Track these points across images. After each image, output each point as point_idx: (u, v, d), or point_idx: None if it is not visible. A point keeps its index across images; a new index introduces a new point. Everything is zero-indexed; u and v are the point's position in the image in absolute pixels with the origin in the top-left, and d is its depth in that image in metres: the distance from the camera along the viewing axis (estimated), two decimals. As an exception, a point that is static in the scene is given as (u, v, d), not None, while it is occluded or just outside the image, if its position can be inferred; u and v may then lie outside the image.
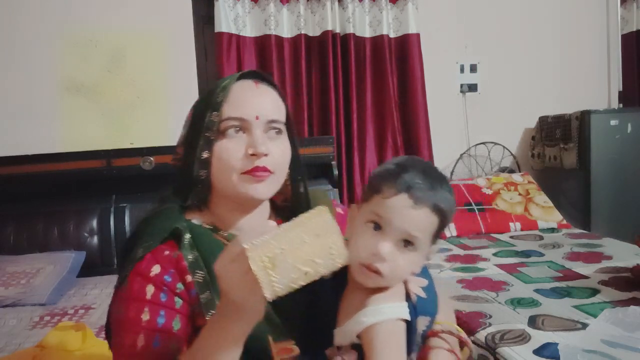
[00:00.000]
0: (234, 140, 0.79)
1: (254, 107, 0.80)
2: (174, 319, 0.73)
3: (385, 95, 3.12)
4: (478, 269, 2.08)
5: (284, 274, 0.58)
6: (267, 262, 0.57)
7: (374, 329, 0.72)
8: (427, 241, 0.75)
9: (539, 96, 3.44)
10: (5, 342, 1.69)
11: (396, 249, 0.73)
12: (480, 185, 2.96)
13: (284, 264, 0.58)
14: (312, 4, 3.07)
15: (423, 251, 0.76)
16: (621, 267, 1.96)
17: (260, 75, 0.86)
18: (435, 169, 0.79)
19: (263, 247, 0.57)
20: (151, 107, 2.85)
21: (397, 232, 0.73)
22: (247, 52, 3.01)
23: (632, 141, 3.01)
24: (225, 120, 0.79)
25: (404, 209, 0.72)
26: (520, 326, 1.47)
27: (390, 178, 0.74)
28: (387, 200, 0.73)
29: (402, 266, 0.74)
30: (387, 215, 0.73)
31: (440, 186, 0.75)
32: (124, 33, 2.83)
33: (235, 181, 0.78)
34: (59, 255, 2.35)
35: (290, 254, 0.58)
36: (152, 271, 0.74)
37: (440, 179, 0.76)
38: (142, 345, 0.70)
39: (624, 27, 3.50)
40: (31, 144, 2.67)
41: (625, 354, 1.25)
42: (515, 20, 3.40)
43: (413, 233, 0.73)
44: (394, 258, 0.72)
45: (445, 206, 0.74)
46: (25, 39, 2.73)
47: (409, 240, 0.73)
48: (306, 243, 0.59)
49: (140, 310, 0.72)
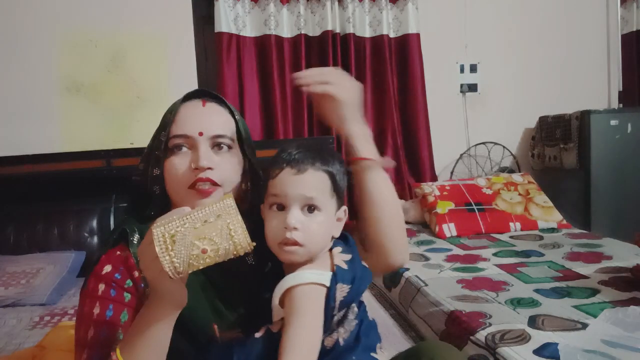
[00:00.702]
0: (180, 156, 0.85)
1: (198, 124, 0.86)
2: (122, 311, 0.80)
3: (385, 95, 3.12)
4: (478, 269, 2.08)
5: (184, 250, 0.62)
6: (168, 239, 0.61)
7: (293, 291, 0.77)
8: (327, 199, 0.82)
9: (539, 96, 3.44)
10: (5, 342, 1.69)
11: (303, 217, 0.80)
12: (480, 185, 2.96)
13: (183, 240, 0.61)
14: (312, 4, 3.07)
15: (329, 211, 0.82)
16: (621, 267, 1.96)
17: (208, 93, 0.91)
18: (311, 144, 0.87)
19: (167, 225, 0.62)
20: (151, 107, 2.85)
21: (296, 200, 0.80)
22: (247, 52, 3.01)
23: (632, 141, 3.00)
24: (172, 138, 0.85)
25: (291, 178, 0.80)
26: (520, 326, 1.47)
27: (272, 162, 0.83)
28: (276, 179, 0.81)
29: (316, 229, 0.80)
30: (281, 191, 0.80)
31: (317, 152, 0.83)
32: (124, 33, 2.83)
33: (183, 195, 0.84)
34: (59, 255, 2.35)
35: (191, 232, 0.62)
36: (104, 270, 0.82)
37: (315, 148, 0.84)
38: (91, 336, 0.78)
39: (624, 27, 3.50)
40: (31, 144, 2.67)
41: (625, 354, 1.25)
42: (515, 20, 3.40)
43: (308, 194, 0.80)
44: (305, 225, 0.79)
45: (326, 165, 0.82)
46: (25, 38, 2.73)
47: (311, 205, 0.80)
48: (207, 222, 0.63)
49: (92, 305, 0.80)
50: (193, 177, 0.83)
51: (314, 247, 0.81)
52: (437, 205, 2.79)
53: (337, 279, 0.80)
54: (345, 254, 0.84)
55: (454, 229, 2.69)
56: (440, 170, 3.34)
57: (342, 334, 0.81)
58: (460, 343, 1.48)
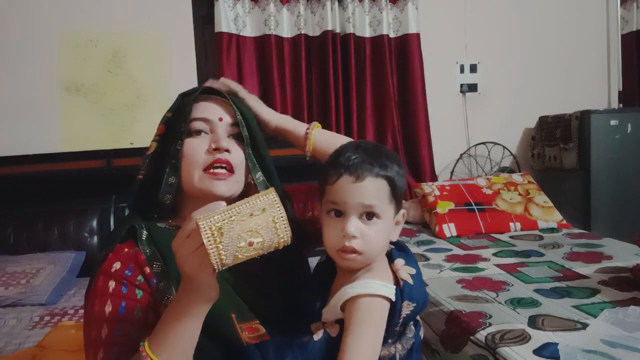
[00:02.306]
0: (199, 139, 0.88)
1: (218, 112, 0.90)
2: (135, 308, 0.78)
3: (385, 95, 3.12)
4: (478, 269, 2.08)
5: (231, 243, 0.62)
6: (215, 231, 0.61)
7: (357, 300, 0.76)
8: (386, 205, 0.80)
9: (539, 96, 3.44)
10: (5, 342, 1.69)
11: (362, 224, 0.79)
12: (480, 185, 2.96)
13: (231, 232, 0.62)
14: (312, 4, 3.07)
15: (388, 216, 0.81)
16: (621, 267, 1.96)
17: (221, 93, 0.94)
18: (368, 143, 0.86)
19: (212, 218, 0.62)
20: (151, 107, 2.85)
21: (354, 208, 0.78)
22: (247, 52, 3.01)
23: (632, 141, 3.00)
24: (193, 122, 0.88)
25: (350, 186, 0.79)
26: (520, 326, 1.47)
27: (329, 167, 0.82)
28: (334, 185, 0.80)
29: (374, 237, 0.79)
30: (339, 198, 0.79)
31: (375, 156, 0.81)
32: (124, 33, 2.83)
33: (197, 178, 0.86)
34: (59, 255, 2.35)
35: (238, 224, 0.63)
36: (114, 267, 0.81)
37: (373, 151, 0.82)
38: (105, 334, 0.76)
39: (624, 27, 3.50)
40: (31, 144, 2.67)
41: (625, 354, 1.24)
42: (515, 20, 3.40)
43: (367, 202, 0.78)
44: (363, 232, 0.78)
45: (385, 170, 0.80)
46: (25, 38, 2.73)
47: (370, 212, 0.79)
48: (253, 215, 0.64)
49: (103, 304, 0.78)
50: (211, 158, 0.85)
51: (373, 254, 0.80)
52: (437, 205, 2.79)
53: (404, 296, 0.79)
54: (409, 267, 0.83)
55: (454, 229, 2.69)
56: (440, 170, 3.34)
57: (400, 351, 0.80)
58: (460, 343, 1.48)
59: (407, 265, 0.83)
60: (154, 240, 0.84)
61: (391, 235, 0.84)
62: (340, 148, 0.84)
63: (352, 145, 0.85)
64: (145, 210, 0.89)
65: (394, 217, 0.83)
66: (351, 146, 0.84)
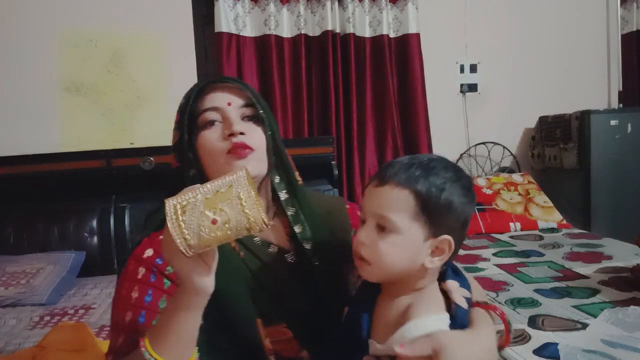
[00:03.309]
0: (212, 130, 0.85)
1: (226, 97, 0.86)
2: (160, 298, 0.77)
3: (385, 95, 3.12)
4: (478, 269, 2.08)
5: (193, 220, 0.59)
6: (179, 209, 0.59)
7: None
8: (406, 221, 0.70)
9: (539, 96, 3.44)
10: (5, 342, 1.69)
11: (375, 234, 0.72)
12: (480, 185, 2.96)
13: (194, 210, 0.59)
14: (312, 4, 3.07)
15: (409, 234, 0.71)
16: (621, 267, 1.96)
17: (228, 78, 0.91)
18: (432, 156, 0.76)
19: (181, 197, 0.60)
20: (151, 107, 2.85)
21: (370, 217, 0.73)
22: (247, 52, 3.01)
23: (632, 141, 3.00)
24: (202, 114, 0.85)
25: (371, 190, 0.73)
26: (520, 326, 1.47)
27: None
28: (364, 191, 0.75)
29: (384, 249, 0.71)
30: (362, 203, 0.74)
31: (417, 166, 0.72)
32: (124, 33, 2.83)
33: (222, 162, 0.83)
34: (59, 255, 2.35)
35: (202, 202, 0.60)
36: (146, 254, 0.80)
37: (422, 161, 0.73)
38: (129, 320, 0.76)
39: (624, 27, 3.50)
40: (31, 144, 2.67)
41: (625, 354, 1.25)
42: (515, 20, 3.40)
43: (379, 212, 0.71)
44: (372, 242, 0.72)
45: (414, 182, 0.70)
46: (25, 39, 2.73)
47: (382, 224, 0.71)
48: (219, 192, 0.60)
49: (131, 289, 0.78)
50: (228, 144, 0.82)
51: (385, 268, 0.72)
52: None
53: (457, 323, 0.70)
54: (464, 290, 0.75)
55: (454, 229, 2.69)
56: (440, 170, 3.34)
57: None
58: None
59: (462, 288, 0.75)
60: None
61: (425, 261, 0.73)
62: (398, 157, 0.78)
63: (414, 157, 0.76)
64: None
65: (428, 240, 0.72)
66: (410, 157, 0.76)
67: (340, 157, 3.08)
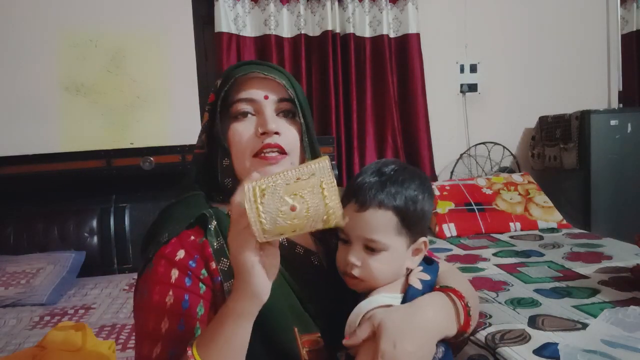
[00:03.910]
0: (244, 122, 0.79)
1: (263, 88, 0.80)
2: (198, 304, 0.72)
3: (385, 95, 3.12)
4: (478, 269, 2.08)
5: (272, 205, 0.57)
6: (258, 192, 0.57)
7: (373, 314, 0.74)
8: (392, 238, 0.76)
9: (539, 96, 3.44)
10: (5, 342, 1.69)
11: (364, 254, 0.76)
12: (480, 185, 2.96)
13: (274, 194, 0.57)
14: (312, 4, 3.07)
15: (396, 248, 0.77)
16: (621, 267, 1.96)
17: (261, 64, 0.85)
18: (392, 164, 0.81)
19: (260, 181, 0.58)
20: (151, 107, 2.85)
21: (356, 239, 0.76)
22: (247, 52, 3.01)
23: (632, 141, 3.00)
24: (236, 103, 0.79)
25: (353, 215, 0.75)
26: (520, 326, 1.47)
27: (346, 189, 0.79)
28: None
29: (377, 268, 0.76)
30: (344, 227, 0.74)
31: (389, 181, 0.76)
32: (124, 33, 2.83)
33: (248, 167, 0.78)
34: (59, 255, 2.35)
35: (282, 187, 0.58)
36: (177, 255, 0.73)
37: (391, 174, 0.77)
38: (166, 328, 0.69)
39: (624, 27, 3.50)
40: (31, 144, 2.67)
41: (625, 354, 1.24)
42: (515, 20, 3.40)
43: (367, 236, 0.75)
44: (365, 262, 0.76)
45: (393, 200, 0.75)
46: (25, 39, 2.73)
47: (371, 246, 0.76)
48: (300, 179, 0.59)
49: (164, 294, 0.71)
50: (259, 143, 0.77)
51: (377, 281, 0.77)
52: (437, 205, 2.79)
53: (407, 299, 0.75)
54: (424, 274, 0.80)
55: (454, 229, 2.69)
56: (440, 170, 3.34)
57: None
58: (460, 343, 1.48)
59: (423, 272, 0.80)
60: (222, 232, 0.76)
61: (408, 263, 0.80)
62: (364, 168, 0.81)
63: (373, 165, 0.80)
64: (209, 188, 0.82)
65: (410, 246, 0.79)
66: (371, 167, 0.80)
67: (340, 157, 3.08)
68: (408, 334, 0.69)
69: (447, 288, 0.79)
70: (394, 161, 0.82)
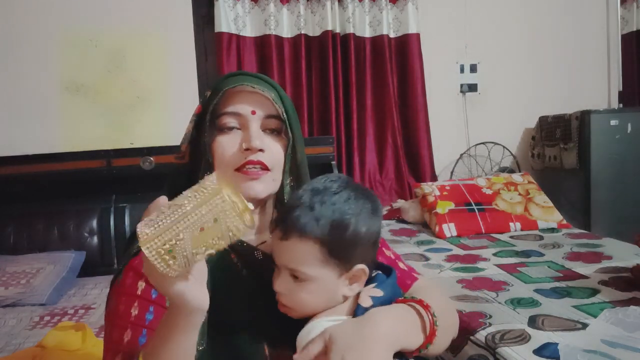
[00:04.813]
0: (229, 135, 0.79)
1: (251, 103, 0.80)
2: (162, 316, 0.71)
3: (385, 95, 3.13)
4: (478, 269, 2.08)
5: (184, 262, 0.54)
6: (166, 255, 0.53)
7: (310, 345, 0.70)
8: (317, 269, 0.70)
9: (539, 96, 3.44)
10: (5, 342, 1.69)
11: (291, 283, 0.71)
12: (480, 185, 2.96)
13: (183, 252, 0.54)
14: (312, 4, 3.07)
15: (324, 278, 0.71)
16: (621, 267, 1.96)
17: (251, 75, 0.85)
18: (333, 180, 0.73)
19: (160, 236, 0.53)
20: (151, 107, 2.85)
21: (283, 267, 0.72)
22: (247, 52, 3.01)
23: (632, 141, 3.00)
24: (222, 116, 0.79)
25: (277, 243, 0.71)
26: (520, 326, 1.47)
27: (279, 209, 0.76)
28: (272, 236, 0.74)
29: (304, 298, 0.71)
30: (273, 253, 0.73)
31: (319, 204, 0.70)
32: (124, 33, 2.83)
33: (230, 179, 0.76)
34: (59, 255, 2.35)
35: (189, 242, 0.54)
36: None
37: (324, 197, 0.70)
38: (127, 340, 0.69)
39: (624, 27, 3.50)
40: (31, 144, 2.67)
41: (625, 354, 1.24)
42: (515, 20, 3.40)
43: (290, 265, 0.71)
44: (291, 291, 0.71)
45: (316, 229, 0.69)
46: (25, 38, 2.73)
47: (295, 276, 0.71)
48: (205, 230, 0.54)
49: (130, 305, 0.71)
50: (242, 158, 0.77)
51: (308, 311, 0.73)
52: (437, 205, 2.78)
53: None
54: (376, 290, 0.74)
55: (454, 229, 2.69)
56: (440, 170, 3.34)
57: None
58: (460, 343, 1.48)
59: (375, 289, 0.74)
60: None
61: (344, 291, 0.73)
62: (303, 188, 0.74)
63: (311, 184, 0.74)
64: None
65: (340, 275, 0.72)
66: (308, 186, 0.74)
67: (340, 157, 3.08)
68: (357, 346, 0.66)
69: (411, 299, 0.75)
70: (337, 178, 0.75)
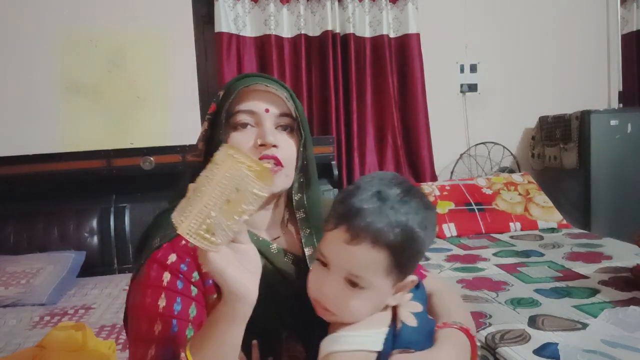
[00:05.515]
0: (244, 133, 0.81)
1: (264, 102, 0.82)
2: (190, 306, 0.73)
3: (385, 95, 3.12)
4: (478, 269, 2.08)
5: (224, 234, 0.58)
6: (206, 234, 0.57)
7: (331, 357, 0.67)
8: (379, 279, 0.66)
9: (539, 96, 3.44)
10: (5, 342, 1.69)
11: (343, 288, 0.67)
12: (480, 185, 2.96)
13: (220, 226, 0.58)
14: (312, 4, 3.07)
15: (380, 288, 0.67)
16: (621, 267, 1.96)
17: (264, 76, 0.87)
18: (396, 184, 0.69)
19: (194, 219, 0.57)
20: (151, 107, 2.85)
21: (337, 269, 0.67)
22: (247, 52, 3.01)
23: (632, 141, 3.00)
24: (237, 114, 0.81)
25: (341, 246, 0.65)
26: (520, 326, 1.47)
27: (335, 205, 0.69)
28: (328, 234, 0.68)
29: (354, 305, 0.67)
30: (328, 254, 0.67)
31: (391, 211, 0.65)
32: (124, 33, 2.83)
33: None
34: (59, 255, 2.35)
35: (221, 216, 0.58)
36: (169, 259, 0.75)
37: (395, 201, 0.66)
38: (159, 331, 0.70)
39: (624, 27, 3.50)
40: (31, 144, 2.67)
41: (625, 354, 1.25)
42: (515, 20, 3.40)
43: (354, 272, 0.66)
44: (343, 298, 0.67)
45: (392, 237, 0.64)
46: (26, 38, 2.73)
47: (354, 282, 0.66)
48: (231, 201, 0.58)
49: (156, 297, 0.72)
50: (257, 154, 0.79)
51: (351, 318, 0.68)
52: (437, 205, 2.79)
53: (399, 342, 0.66)
54: (415, 303, 0.70)
55: (454, 229, 2.69)
56: (440, 170, 3.34)
57: None
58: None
59: (413, 302, 0.70)
60: None
61: (388, 301, 0.70)
62: (358, 184, 0.69)
63: (373, 183, 0.69)
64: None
65: (394, 286, 0.69)
66: (370, 185, 0.68)
67: (340, 157, 3.08)
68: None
69: (460, 327, 0.72)
70: (398, 180, 0.70)
